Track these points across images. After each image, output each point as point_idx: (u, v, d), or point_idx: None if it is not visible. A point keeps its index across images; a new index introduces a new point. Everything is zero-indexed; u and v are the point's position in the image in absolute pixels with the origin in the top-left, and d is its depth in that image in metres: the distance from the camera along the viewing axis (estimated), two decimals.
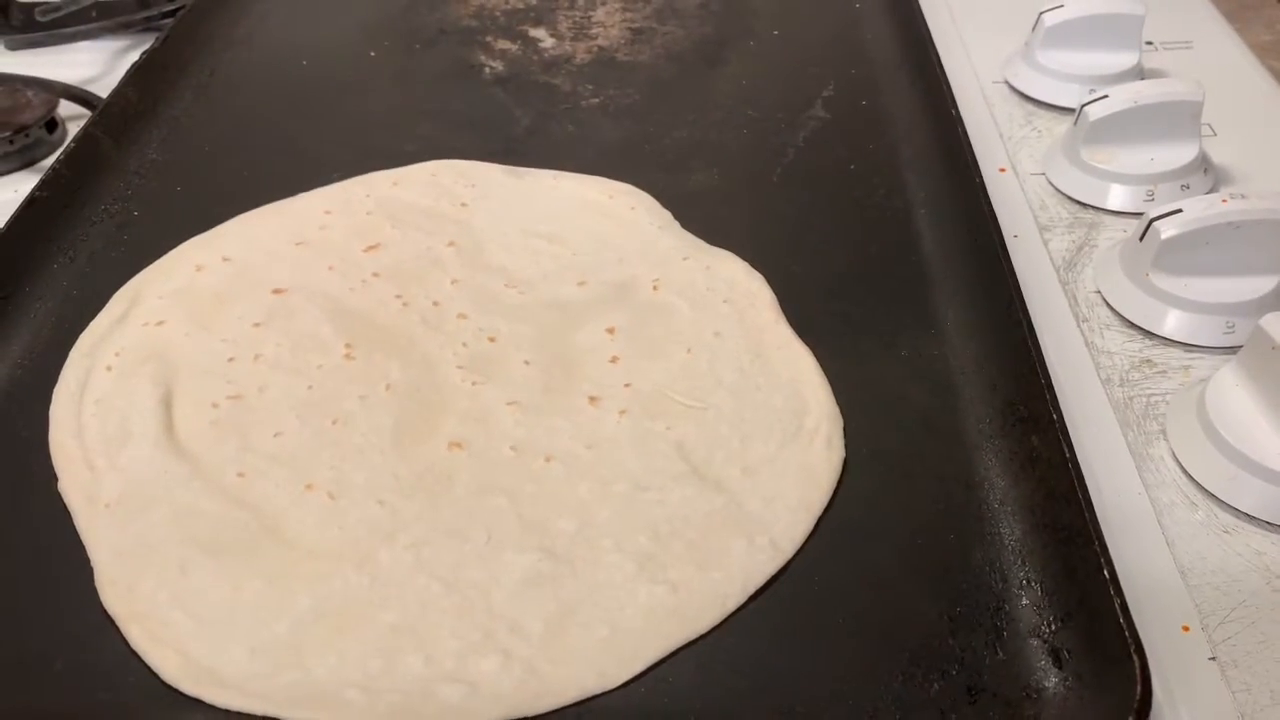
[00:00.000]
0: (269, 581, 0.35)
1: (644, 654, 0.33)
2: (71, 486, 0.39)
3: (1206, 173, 0.53)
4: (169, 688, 0.33)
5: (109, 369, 0.43)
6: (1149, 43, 0.64)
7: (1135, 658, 0.29)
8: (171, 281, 0.48)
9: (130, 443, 0.40)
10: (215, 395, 0.42)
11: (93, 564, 0.36)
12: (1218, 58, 0.65)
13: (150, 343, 0.45)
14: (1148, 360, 0.44)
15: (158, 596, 0.35)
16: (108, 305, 0.47)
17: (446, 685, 0.32)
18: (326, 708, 0.32)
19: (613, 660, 0.33)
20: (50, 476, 0.39)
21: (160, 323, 0.46)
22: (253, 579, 0.35)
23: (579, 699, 0.32)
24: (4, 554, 0.37)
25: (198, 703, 0.32)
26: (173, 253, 0.50)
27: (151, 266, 0.49)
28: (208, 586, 0.35)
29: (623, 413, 0.41)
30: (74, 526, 0.38)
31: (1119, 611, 0.30)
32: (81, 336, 0.45)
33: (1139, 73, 0.60)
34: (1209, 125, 0.57)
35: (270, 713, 0.32)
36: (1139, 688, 0.29)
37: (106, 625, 0.35)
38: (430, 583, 0.35)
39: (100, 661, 0.34)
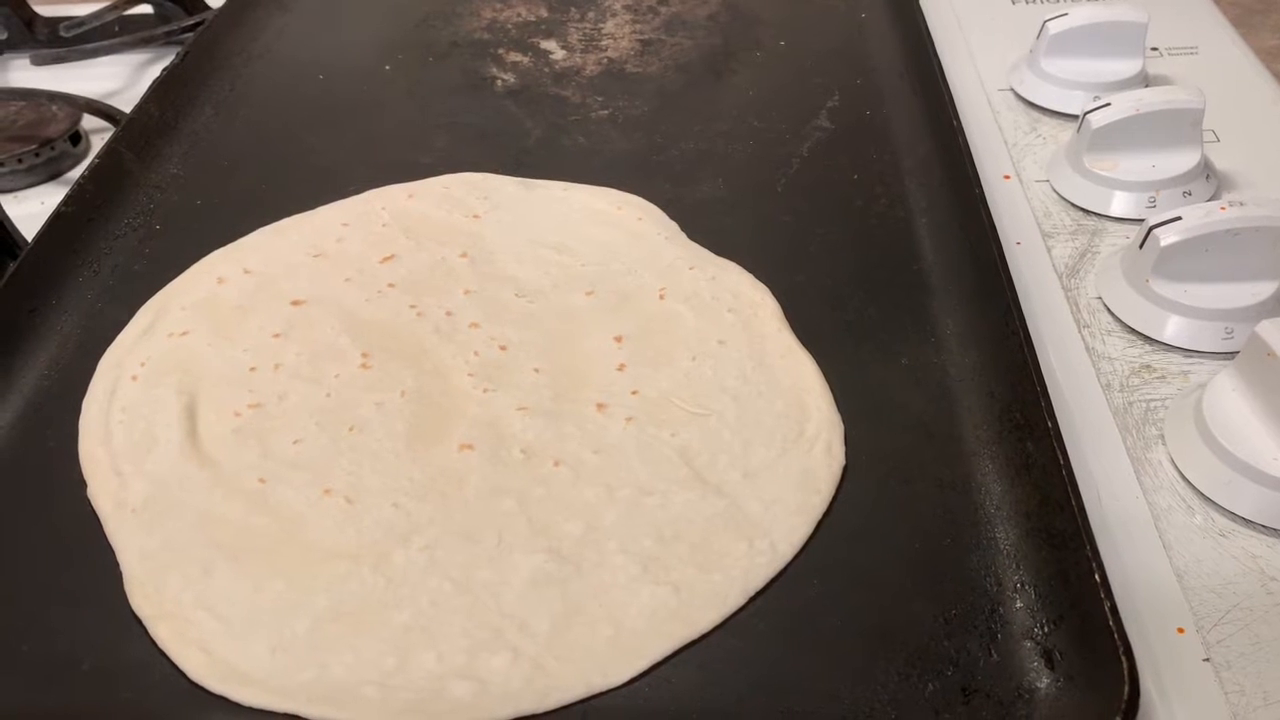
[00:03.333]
0: (289, 583, 0.37)
1: (647, 653, 0.34)
2: (100, 492, 0.40)
3: (1209, 179, 0.54)
4: (193, 687, 0.34)
5: (135, 379, 0.45)
6: (1154, 49, 0.65)
7: (1124, 659, 0.30)
8: (194, 293, 0.49)
9: (156, 450, 0.42)
10: (237, 404, 0.43)
11: (121, 567, 0.38)
12: (1223, 63, 0.65)
13: (174, 353, 0.46)
14: (1148, 366, 0.45)
15: (183, 597, 0.36)
16: (135, 317, 0.48)
17: (458, 682, 0.34)
18: (344, 704, 0.33)
19: (617, 658, 0.34)
20: (79, 483, 0.41)
21: (184, 333, 0.47)
22: (273, 580, 0.37)
23: (585, 696, 0.33)
24: (35, 559, 0.38)
25: (221, 700, 0.34)
26: (196, 265, 0.51)
27: (176, 279, 0.50)
28: (231, 588, 0.37)
29: (629, 419, 0.42)
30: (102, 531, 0.39)
31: (1109, 614, 0.31)
32: (110, 348, 0.47)
33: (1143, 79, 0.61)
34: (1213, 131, 0.57)
35: (290, 709, 0.33)
36: (1127, 688, 0.30)
37: (132, 627, 0.36)
38: (442, 583, 0.36)
39: (126, 662, 0.35)
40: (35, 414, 0.44)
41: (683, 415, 0.42)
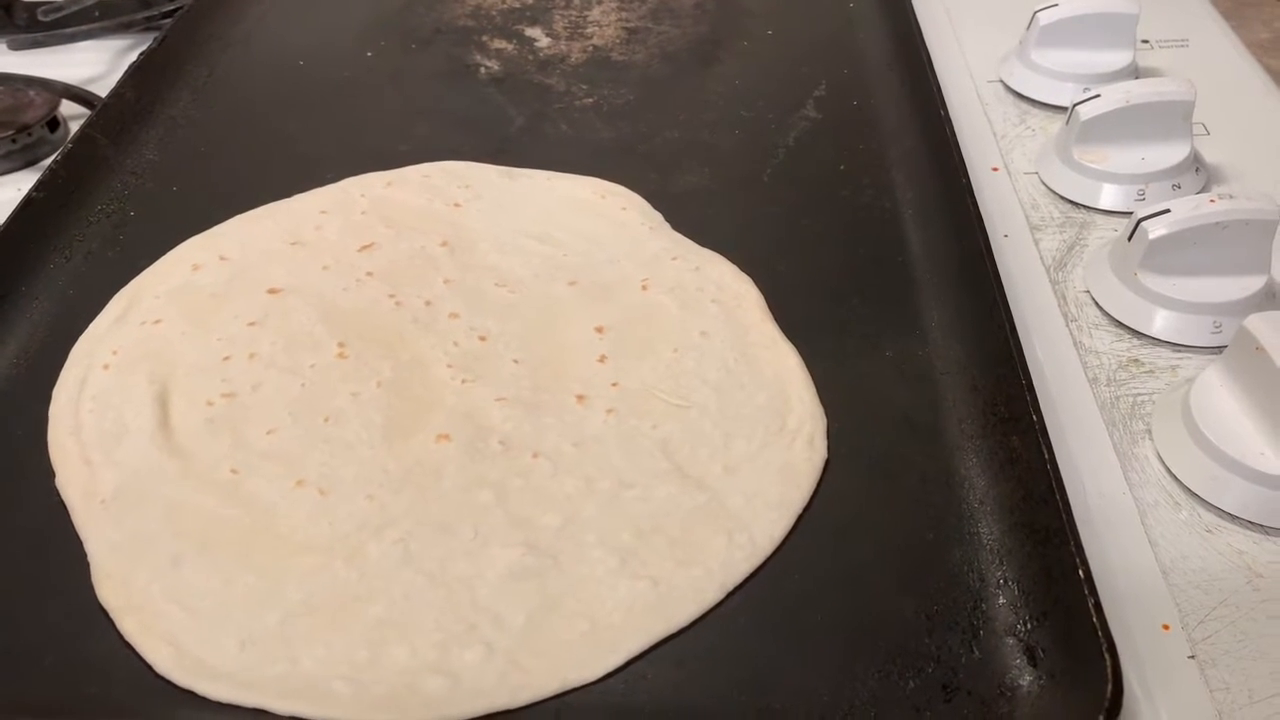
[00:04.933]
0: (260, 575, 0.36)
1: (623, 648, 0.34)
2: (69, 482, 0.40)
3: (1198, 172, 0.53)
4: (159, 681, 0.33)
5: (106, 367, 0.44)
6: (1144, 41, 0.64)
7: (1108, 656, 0.30)
8: (169, 281, 0.49)
9: (126, 439, 0.41)
10: (210, 393, 0.43)
11: (89, 558, 0.37)
12: (1214, 56, 0.64)
13: (147, 341, 0.45)
14: (1135, 360, 0.44)
15: (151, 589, 0.36)
16: (108, 305, 0.47)
17: (430, 677, 0.33)
18: (314, 699, 0.33)
19: (592, 654, 0.33)
20: (48, 473, 0.40)
21: (157, 321, 0.46)
22: (244, 573, 0.36)
23: (559, 691, 0.33)
24: (0, 550, 0.38)
25: (188, 695, 0.33)
26: (171, 253, 0.50)
27: (151, 267, 0.49)
28: (200, 580, 0.36)
29: (609, 411, 0.41)
30: (71, 522, 0.38)
31: (1093, 611, 0.31)
32: (82, 336, 0.46)
33: (1134, 71, 0.60)
34: (1203, 124, 0.57)
35: (259, 704, 0.33)
36: (1110, 686, 0.29)
37: (98, 620, 0.35)
38: (416, 576, 0.36)
39: (91, 655, 0.34)
40: (4, 402, 0.43)
41: (664, 407, 0.42)
